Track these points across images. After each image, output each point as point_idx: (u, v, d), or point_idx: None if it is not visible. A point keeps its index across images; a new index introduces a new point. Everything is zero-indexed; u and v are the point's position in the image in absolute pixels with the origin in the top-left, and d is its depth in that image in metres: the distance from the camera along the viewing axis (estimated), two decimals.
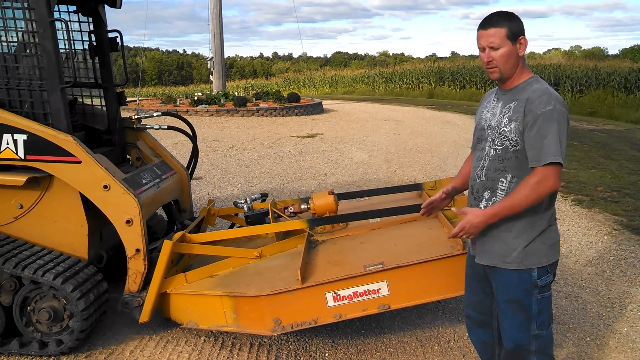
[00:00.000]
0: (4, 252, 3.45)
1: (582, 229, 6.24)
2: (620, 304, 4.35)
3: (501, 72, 2.40)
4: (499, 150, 2.43)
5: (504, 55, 2.36)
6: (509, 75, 2.42)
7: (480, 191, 2.52)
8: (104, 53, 4.36)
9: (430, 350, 3.63)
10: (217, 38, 20.95)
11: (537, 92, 2.35)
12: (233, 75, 69.73)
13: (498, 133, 2.44)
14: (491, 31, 2.36)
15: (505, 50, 2.36)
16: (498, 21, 2.36)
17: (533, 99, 2.33)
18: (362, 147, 12.31)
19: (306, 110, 19.60)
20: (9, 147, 3.50)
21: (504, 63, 2.38)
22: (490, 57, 2.38)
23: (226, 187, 8.30)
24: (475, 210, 2.43)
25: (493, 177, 2.46)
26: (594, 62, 29.16)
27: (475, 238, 2.56)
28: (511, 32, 2.35)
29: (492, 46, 2.36)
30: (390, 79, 36.17)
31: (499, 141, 2.43)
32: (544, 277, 2.43)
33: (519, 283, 2.42)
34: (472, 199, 2.59)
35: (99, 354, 3.57)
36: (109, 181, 3.51)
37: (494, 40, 2.35)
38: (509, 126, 2.38)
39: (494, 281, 2.54)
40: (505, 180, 2.43)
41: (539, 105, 2.31)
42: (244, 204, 4.43)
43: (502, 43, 2.35)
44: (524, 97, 2.37)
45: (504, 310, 2.52)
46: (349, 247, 3.73)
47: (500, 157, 2.43)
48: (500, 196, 2.44)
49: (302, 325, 3.27)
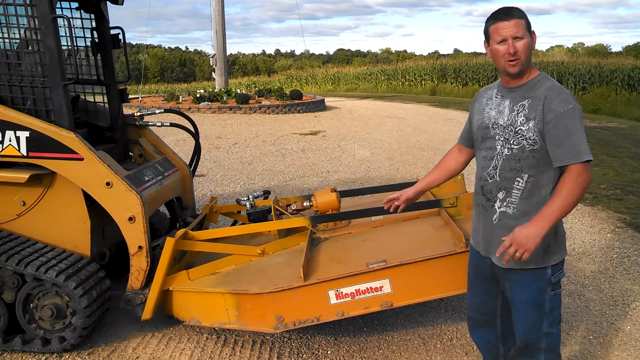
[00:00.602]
0: (7, 249, 3.45)
1: (585, 227, 6.22)
2: (624, 302, 4.34)
3: (522, 64, 2.35)
4: (515, 149, 2.38)
5: (527, 46, 2.33)
6: (527, 68, 2.39)
7: (494, 192, 2.47)
8: (106, 50, 4.35)
9: (433, 348, 3.63)
10: (220, 35, 20.96)
11: (554, 91, 2.32)
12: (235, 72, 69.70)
13: (513, 132, 2.38)
14: (515, 22, 2.32)
15: (527, 41, 2.33)
16: (518, 13, 2.34)
17: (552, 97, 2.30)
18: (364, 144, 12.30)
19: (308, 108, 19.58)
20: (11, 144, 3.50)
21: (527, 54, 2.34)
22: (515, 47, 2.32)
23: (228, 184, 8.30)
24: (519, 229, 2.28)
25: (509, 177, 2.42)
26: (597, 60, 29.11)
27: (491, 240, 2.51)
28: (528, 24, 2.35)
29: (517, 36, 2.32)
30: (393, 76, 36.13)
31: (514, 140, 2.38)
32: (557, 274, 2.43)
33: (534, 281, 2.41)
34: (484, 199, 2.53)
35: (102, 351, 3.57)
36: (111, 178, 3.51)
37: (518, 30, 2.31)
38: (526, 125, 2.34)
39: (508, 282, 2.51)
40: (522, 180, 2.39)
41: (559, 104, 2.28)
42: (247, 202, 4.43)
43: (525, 34, 2.32)
44: (539, 95, 2.33)
45: (519, 310, 2.50)
46: (351, 245, 3.72)
47: (516, 157, 2.39)
48: (516, 196, 2.40)
49: (305, 322, 3.26)
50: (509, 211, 2.43)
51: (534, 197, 2.39)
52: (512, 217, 2.43)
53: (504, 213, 2.45)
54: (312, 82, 37.03)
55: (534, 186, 2.38)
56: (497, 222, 2.48)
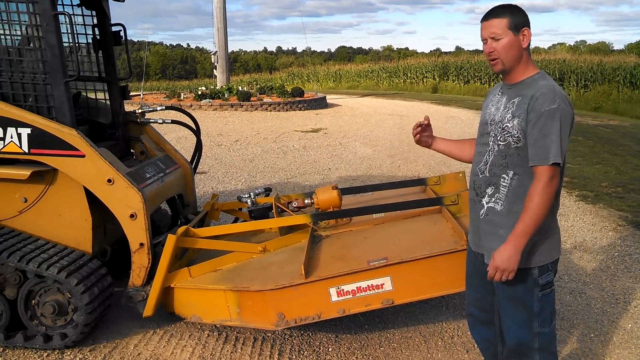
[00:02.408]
0: (9, 246, 3.45)
1: (587, 225, 6.22)
2: (625, 300, 4.33)
3: (503, 63, 2.35)
4: (502, 145, 2.40)
5: (506, 45, 2.32)
6: (511, 67, 2.38)
7: (483, 187, 2.49)
8: (108, 47, 4.35)
9: (434, 345, 3.63)
10: (221, 32, 20.94)
11: (542, 90, 2.30)
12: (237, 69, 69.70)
13: (501, 128, 2.40)
14: (493, 22, 2.33)
15: (507, 40, 2.32)
16: (500, 12, 2.33)
17: (537, 96, 2.29)
18: (366, 141, 12.29)
19: (310, 105, 19.57)
20: (13, 140, 3.50)
21: (506, 54, 2.33)
22: (491, 47, 2.34)
23: (230, 181, 8.30)
24: (497, 253, 2.34)
25: (497, 173, 2.43)
26: (599, 57, 29.00)
27: (478, 235, 2.55)
28: (513, 22, 2.32)
29: (494, 37, 2.33)
30: (395, 74, 36.09)
31: (501, 137, 2.40)
32: (545, 275, 2.41)
33: (519, 281, 2.39)
34: (474, 194, 2.55)
35: (103, 347, 3.58)
36: (112, 175, 3.51)
37: (496, 30, 2.32)
38: (511, 122, 2.35)
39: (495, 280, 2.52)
40: (507, 177, 2.40)
41: (543, 103, 2.27)
42: (248, 199, 4.43)
43: (503, 33, 2.31)
44: (529, 94, 2.33)
45: (505, 307, 2.51)
46: (352, 242, 3.72)
47: (503, 153, 2.40)
48: (503, 193, 2.41)
49: (306, 320, 3.27)
50: (497, 207, 2.44)
51: (519, 196, 2.37)
52: (499, 213, 2.43)
53: (492, 209, 2.45)
54: (314, 79, 37.00)
55: (518, 184, 2.38)
56: (483, 217, 2.49)
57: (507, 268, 2.30)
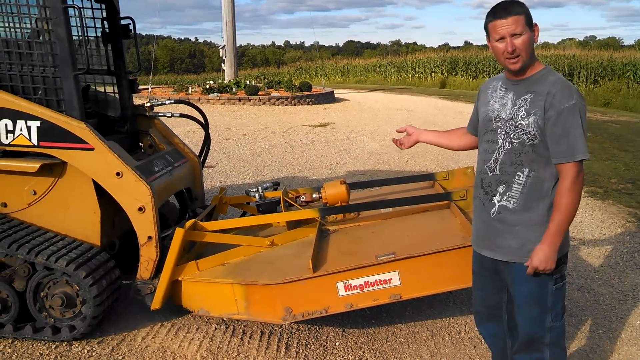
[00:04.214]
0: (18, 238, 3.47)
1: (596, 221, 6.18)
2: (634, 296, 4.31)
3: (524, 61, 2.32)
4: (516, 143, 2.38)
5: (526, 42, 2.30)
6: (530, 64, 2.36)
7: (494, 185, 2.47)
8: (117, 40, 4.35)
9: (441, 340, 3.63)
10: (229, 26, 20.94)
11: (557, 86, 2.29)
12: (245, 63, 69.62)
13: (514, 126, 2.38)
14: (512, 19, 2.28)
15: (527, 36, 2.30)
16: (515, 8, 2.30)
17: (554, 92, 2.27)
18: (373, 136, 12.27)
19: (318, 99, 19.54)
20: (22, 133, 3.51)
21: (526, 51, 2.31)
22: (514, 45, 2.29)
23: (238, 175, 8.31)
24: (534, 254, 2.35)
25: (509, 171, 2.41)
26: (609, 53, 28.80)
27: (487, 234, 2.54)
28: (528, 18, 2.30)
29: (516, 33, 2.29)
30: (403, 69, 35.99)
31: (514, 134, 2.38)
32: (559, 268, 2.41)
33: (534, 277, 2.39)
34: (483, 193, 2.53)
35: (111, 340, 3.60)
36: (121, 168, 3.52)
37: (517, 27, 2.28)
38: (526, 120, 2.33)
39: (509, 276, 2.51)
40: (522, 175, 2.38)
41: (561, 99, 2.25)
42: (256, 193, 4.43)
43: (523, 30, 2.29)
44: (542, 90, 2.31)
45: (520, 305, 2.51)
46: (360, 237, 3.72)
47: (517, 151, 2.38)
48: (516, 190, 2.40)
49: (313, 314, 3.27)
50: (509, 205, 2.43)
51: (535, 192, 2.38)
52: (511, 211, 2.42)
53: (504, 207, 2.45)
54: (322, 74, 36.94)
55: (535, 181, 2.37)
56: (495, 215, 2.48)
57: (546, 267, 2.33)
